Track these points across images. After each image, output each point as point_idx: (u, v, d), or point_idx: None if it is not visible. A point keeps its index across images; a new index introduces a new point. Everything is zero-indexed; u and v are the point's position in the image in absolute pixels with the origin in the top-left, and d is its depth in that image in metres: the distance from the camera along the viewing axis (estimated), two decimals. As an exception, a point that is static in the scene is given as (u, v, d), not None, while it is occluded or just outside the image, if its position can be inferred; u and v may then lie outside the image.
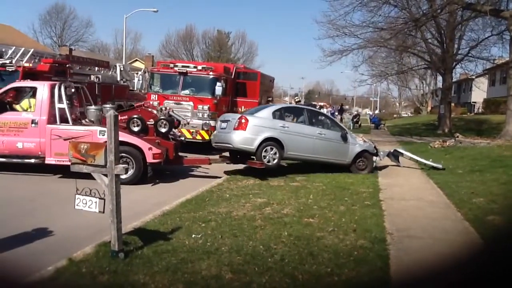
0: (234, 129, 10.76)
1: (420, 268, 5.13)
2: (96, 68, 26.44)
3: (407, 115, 74.37)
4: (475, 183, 9.91)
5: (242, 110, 18.27)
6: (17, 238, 5.69)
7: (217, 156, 11.76)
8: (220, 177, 10.63)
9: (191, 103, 15.49)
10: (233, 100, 17.99)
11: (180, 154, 11.35)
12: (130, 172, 9.72)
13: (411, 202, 8.53)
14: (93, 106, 11.06)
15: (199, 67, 16.15)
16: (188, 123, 14.03)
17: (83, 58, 28.50)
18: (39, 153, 9.77)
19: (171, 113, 11.72)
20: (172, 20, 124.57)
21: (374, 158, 12.10)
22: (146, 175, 10.01)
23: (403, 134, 27.72)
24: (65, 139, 9.46)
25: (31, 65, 20.16)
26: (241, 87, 18.53)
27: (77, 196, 4.95)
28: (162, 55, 69.50)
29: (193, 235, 5.73)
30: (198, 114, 15.39)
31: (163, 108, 11.95)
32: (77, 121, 10.53)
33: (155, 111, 11.78)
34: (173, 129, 11.30)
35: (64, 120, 9.98)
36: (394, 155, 13.18)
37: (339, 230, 6.19)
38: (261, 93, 19.68)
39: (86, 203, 4.91)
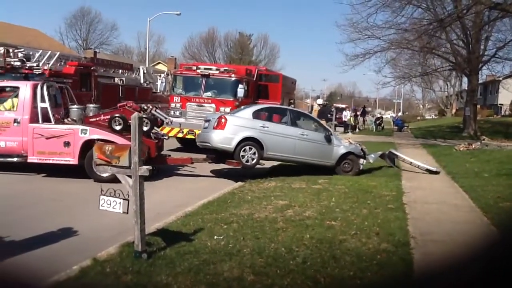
0: (214, 128, 10.86)
1: (444, 273, 5.04)
2: (120, 71, 26.92)
3: (431, 118, 73.28)
4: (501, 187, 9.68)
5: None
6: (43, 238, 5.82)
7: (204, 156, 11.74)
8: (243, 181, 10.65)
9: (213, 105, 15.58)
10: (255, 102, 18.02)
11: (163, 153, 11.54)
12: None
13: (435, 205, 8.38)
14: (75, 106, 11.24)
15: (221, 70, 16.25)
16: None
17: (107, 60, 29.03)
18: (22, 151, 9.95)
19: (153, 112, 11.79)
20: (195, 23, 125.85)
21: (361, 160, 11.88)
22: None
23: (427, 137, 27.29)
24: (47, 138, 9.70)
25: (57, 68, 20.67)
26: (263, 89, 18.56)
27: (101, 197, 5.02)
28: (184, 58, 70.13)
29: (215, 237, 5.75)
30: (220, 116, 15.44)
31: (146, 107, 12.01)
32: (59, 120, 10.66)
33: (138, 111, 11.76)
34: (156, 128, 11.39)
35: (46, 119, 10.12)
36: (390, 157, 12.96)
37: (362, 234, 6.13)
38: (283, 95, 19.67)
39: (110, 204, 4.98)
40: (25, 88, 10.21)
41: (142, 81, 27.85)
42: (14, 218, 6.81)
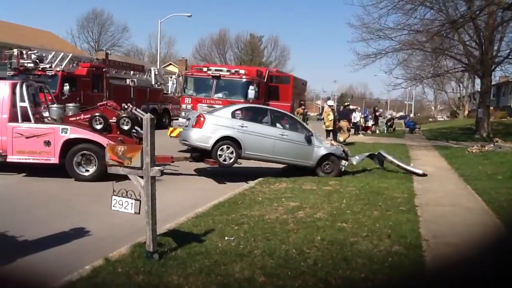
0: (192, 126, 10.93)
1: (456, 276, 4.99)
2: (132, 72, 27.11)
3: (443, 119, 72.71)
4: (515, 189, 9.56)
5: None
6: (56, 237, 5.88)
7: (187, 155, 11.77)
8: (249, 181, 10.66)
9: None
10: (265, 103, 18.02)
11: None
12: (93, 169, 10.00)
13: (448, 208, 8.31)
14: (55, 105, 11.27)
15: (232, 71, 16.27)
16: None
17: (119, 62, 29.27)
18: (1, 151, 9.91)
19: (134, 111, 11.83)
20: (206, 25, 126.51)
21: (343, 162, 11.77)
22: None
23: (438, 139, 27.08)
24: (27, 137, 9.71)
25: (69, 69, 20.87)
26: (273, 91, 18.57)
27: (113, 197, 5.05)
28: (195, 59, 70.42)
29: (226, 238, 5.75)
30: (231, 117, 15.46)
31: (126, 106, 12.04)
32: (39, 120, 10.68)
33: (118, 110, 11.73)
34: (137, 127, 11.35)
35: (26, 118, 10.11)
36: (379, 159, 12.83)
37: (373, 236, 6.09)
38: (294, 96, 19.67)
39: (122, 204, 5.01)
40: (3, 87, 10.19)
41: (153, 83, 28.04)
42: (26, 218, 6.89)
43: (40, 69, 19.52)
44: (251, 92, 15.58)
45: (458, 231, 6.66)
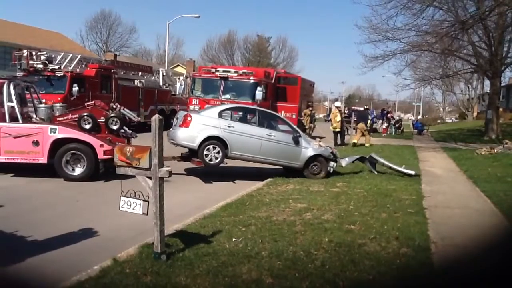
0: (179, 126, 11.00)
1: (466, 278, 4.95)
2: (140, 73, 27.24)
3: (451, 121, 72.25)
4: (525, 192, 9.48)
5: (282, 115, 18.34)
6: (64, 238, 5.91)
7: (175, 154, 11.77)
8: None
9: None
10: (273, 104, 18.06)
11: None
12: (82, 168, 10.03)
13: (457, 210, 8.26)
14: (43, 105, 11.29)
15: (240, 72, 16.35)
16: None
17: (127, 63, 29.44)
18: None
19: (122, 111, 11.84)
20: (214, 26, 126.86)
21: (331, 163, 11.70)
22: (98, 171, 10.18)
23: (447, 140, 26.91)
24: (15, 137, 9.70)
25: (78, 70, 21.04)
26: (281, 92, 18.61)
27: (122, 198, 5.07)
28: (203, 60, 70.61)
29: (234, 239, 5.76)
30: (238, 118, 15.49)
31: (114, 106, 12.06)
32: (27, 119, 10.66)
33: (106, 110, 11.82)
34: (125, 127, 11.44)
35: (14, 118, 10.09)
36: (371, 162, 12.74)
37: (381, 238, 6.07)
38: (301, 97, 19.69)
39: (130, 205, 5.03)
40: None
41: (161, 84, 28.16)
42: (35, 218, 6.94)
43: (49, 70, 19.84)
44: (259, 93, 15.62)
45: (467, 233, 6.61)
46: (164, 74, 28.97)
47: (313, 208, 7.71)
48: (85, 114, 10.74)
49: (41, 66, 19.66)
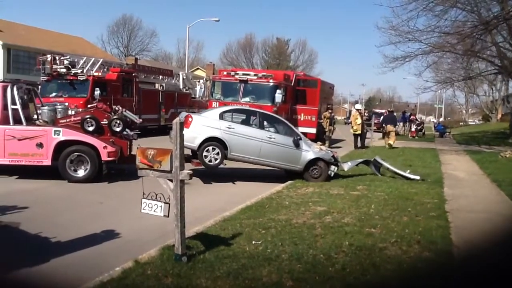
0: None
1: (487, 285, 4.86)
2: (160, 77, 27.53)
3: (474, 123, 71.02)
4: (551, 196, 9.26)
5: (302, 118, 18.30)
6: (87, 239, 6.00)
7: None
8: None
9: None
10: (292, 107, 18.03)
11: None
12: (86, 170, 10.09)
13: (480, 214, 8.11)
14: (46, 107, 11.34)
15: (260, 75, 16.36)
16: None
17: (148, 67, 29.78)
18: None
19: (124, 113, 11.90)
20: (233, 29, 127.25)
21: (332, 167, 11.51)
22: (102, 173, 10.25)
23: (470, 143, 26.45)
24: (19, 140, 9.77)
25: (100, 74, 21.39)
26: (300, 94, 18.56)
27: (143, 200, 5.14)
28: (222, 63, 70.99)
29: (253, 242, 5.77)
30: (258, 121, 15.50)
31: (117, 109, 12.10)
32: (30, 122, 10.73)
33: (109, 112, 11.80)
34: (127, 129, 11.42)
35: (17, 120, 10.16)
36: (375, 165, 12.52)
37: (402, 241, 6.00)
38: (321, 100, 19.61)
39: (151, 207, 5.09)
40: None
41: (181, 87, 28.39)
42: (59, 220, 7.06)
43: (72, 74, 20.22)
44: (278, 96, 15.62)
45: (491, 238, 6.50)
46: (184, 77, 29.21)
47: (333, 211, 7.67)
48: (88, 116, 10.82)
49: (64, 70, 20.05)
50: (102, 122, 10.91)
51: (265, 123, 11.63)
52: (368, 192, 9.70)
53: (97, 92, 19.33)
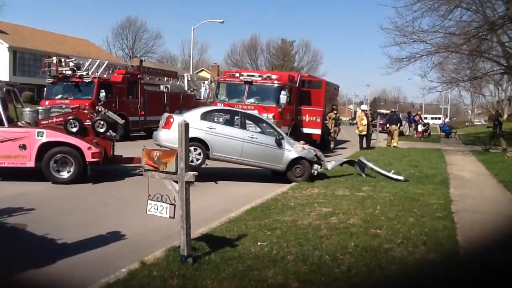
0: (162, 127, 11.17)
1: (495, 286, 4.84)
2: (165, 78, 27.58)
3: (480, 123, 70.62)
4: (558, 196, 9.20)
5: (307, 119, 18.27)
6: (93, 240, 6.02)
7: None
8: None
9: (256, 111, 15.65)
10: (297, 108, 17.99)
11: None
12: (70, 171, 10.04)
13: (487, 215, 8.07)
14: (28, 108, 11.30)
15: (264, 76, 16.32)
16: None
17: (153, 69, 29.84)
18: None
19: (107, 113, 11.89)
20: (237, 31, 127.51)
21: (315, 166, 11.47)
22: (86, 174, 10.21)
23: (476, 143, 26.33)
24: (1, 141, 9.72)
25: (105, 76, 21.47)
26: (305, 95, 18.51)
27: (149, 201, 5.15)
28: (227, 65, 71.05)
29: (259, 243, 5.77)
30: (262, 122, 15.48)
31: (100, 110, 12.09)
32: (12, 123, 10.66)
33: (91, 113, 11.78)
34: (110, 130, 11.43)
35: None
36: (360, 166, 12.49)
37: (408, 243, 5.98)
38: (326, 101, 19.54)
39: (157, 209, 5.10)
40: None
41: (186, 88, 28.43)
42: (65, 222, 7.09)
43: (77, 76, 20.31)
44: (283, 97, 15.59)
45: (498, 239, 6.46)
46: (189, 79, 29.25)
47: (339, 212, 7.66)
48: (71, 117, 10.74)
49: (69, 72, 20.14)
50: (85, 123, 10.86)
51: (247, 123, 11.69)
52: (373, 193, 9.68)
53: (103, 94, 19.42)
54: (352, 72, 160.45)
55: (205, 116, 11.25)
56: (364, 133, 21.04)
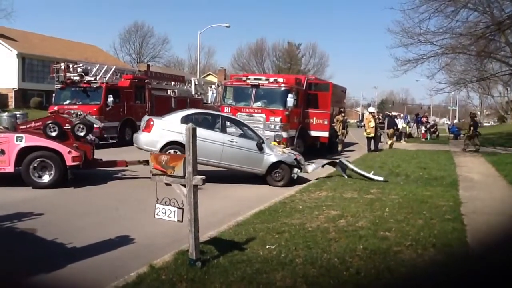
0: (142, 130, 11.27)
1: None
2: (172, 83, 27.70)
3: (489, 124, 70.13)
4: None
5: (314, 122, 18.25)
6: (102, 245, 6.06)
7: (141, 158, 11.69)
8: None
9: (263, 115, 15.66)
10: (304, 111, 17.98)
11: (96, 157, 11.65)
12: (51, 175, 9.98)
13: (497, 217, 8.00)
14: (5, 113, 11.30)
15: (271, 79, 16.33)
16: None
17: (160, 73, 29.98)
18: None
19: (87, 117, 11.92)
20: (244, 34, 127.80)
21: (295, 170, 11.50)
22: (67, 178, 10.17)
23: (485, 145, 26.10)
24: None
25: (113, 81, 21.60)
26: (312, 98, 18.50)
27: (157, 205, 5.17)
28: (234, 69, 71.24)
29: (267, 246, 5.76)
30: (270, 125, 15.51)
31: (79, 114, 12.10)
32: None
33: (70, 117, 11.82)
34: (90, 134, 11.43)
35: None
36: (341, 167, 12.45)
37: (418, 245, 5.94)
38: (333, 103, 19.51)
39: (165, 213, 5.11)
40: None
41: (193, 93, 28.53)
42: (75, 226, 7.13)
43: (85, 81, 20.46)
44: (290, 100, 15.59)
45: (508, 241, 6.41)
46: (196, 83, 29.36)
47: (347, 215, 7.63)
48: (50, 121, 10.71)
49: (77, 78, 20.30)
50: (65, 127, 10.86)
51: (228, 126, 11.74)
52: (382, 195, 9.63)
53: (110, 99, 19.56)
54: (359, 74, 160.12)
55: (185, 120, 11.25)
56: (372, 135, 20.98)
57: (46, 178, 10.07)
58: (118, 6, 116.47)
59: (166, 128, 11.12)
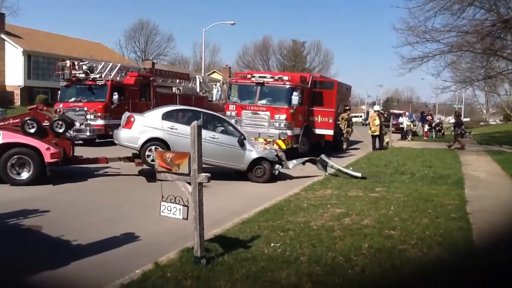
0: (123, 127, 11.22)
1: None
2: (177, 80, 27.71)
3: (495, 123, 69.76)
4: None
5: (319, 120, 18.21)
6: (108, 242, 6.07)
7: (121, 155, 11.72)
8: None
9: (268, 113, 15.66)
10: (309, 109, 17.95)
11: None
12: (29, 172, 9.90)
13: (503, 216, 7.96)
14: None
15: (276, 77, 16.31)
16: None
17: (165, 71, 30.00)
18: None
19: (66, 114, 11.87)
20: (249, 32, 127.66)
21: (276, 166, 11.53)
22: (45, 175, 10.08)
23: (491, 143, 26.00)
24: None
25: (118, 78, 21.63)
26: (317, 96, 18.45)
27: (162, 203, 5.18)
28: (238, 66, 71.24)
29: (272, 244, 5.76)
30: (275, 123, 15.51)
31: (58, 110, 12.05)
32: None
33: (50, 114, 11.72)
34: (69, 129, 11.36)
35: None
36: (322, 164, 12.47)
37: (423, 243, 5.93)
38: (338, 101, 19.45)
39: (170, 210, 5.12)
40: None
41: (198, 90, 28.52)
42: (80, 223, 7.15)
43: (90, 79, 20.51)
44: (295, 98, 15.58)
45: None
46: (201, 81, 29.35)
47: (352, 213, 7.62)
48: (28, 118, 10.60)
49: (83, 75, 20.34)
50: (43, 124, 10.76)
51: (209, 123, 11.69)
52: (387, 193, 9.61)
53: (116, 96, 19.60)
54: (364, 72, 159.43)
55: (166, 116, 11.30)
56: (377, 133, 20.93)
57: (24, 175, 9.99)
58: (123, 3, 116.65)
59: (147, 125, 11.09)
